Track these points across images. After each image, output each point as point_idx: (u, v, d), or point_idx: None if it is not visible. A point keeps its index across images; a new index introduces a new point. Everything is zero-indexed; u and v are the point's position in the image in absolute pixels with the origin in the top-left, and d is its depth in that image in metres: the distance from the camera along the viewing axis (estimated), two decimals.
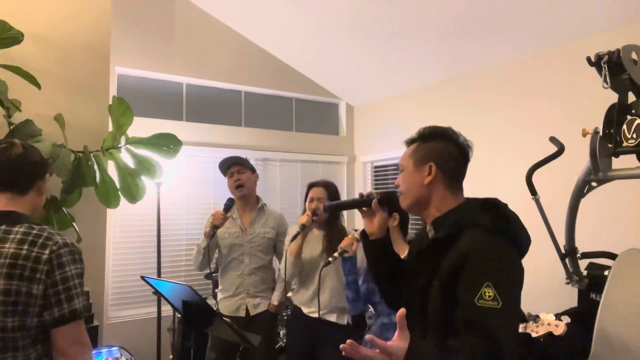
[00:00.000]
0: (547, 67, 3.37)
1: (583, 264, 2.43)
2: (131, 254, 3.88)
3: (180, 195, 4.12)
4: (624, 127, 1.78)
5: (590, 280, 2.38)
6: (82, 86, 2.71)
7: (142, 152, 2.55)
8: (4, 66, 2.22)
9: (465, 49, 3.66)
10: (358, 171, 5.29)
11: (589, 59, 1.81)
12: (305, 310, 2.56)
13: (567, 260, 2.33)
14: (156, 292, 2.89)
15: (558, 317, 2.15)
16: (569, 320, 2.10)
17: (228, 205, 2.74)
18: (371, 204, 1.44)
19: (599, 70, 1.77)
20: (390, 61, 4.18)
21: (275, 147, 4.74)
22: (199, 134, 4.26)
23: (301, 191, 4.04)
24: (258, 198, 2.98)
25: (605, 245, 2.40)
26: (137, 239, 3.90)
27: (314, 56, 4.56)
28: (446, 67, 4.03)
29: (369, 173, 5.20)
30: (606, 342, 1.95)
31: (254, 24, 4.31)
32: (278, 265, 2.84)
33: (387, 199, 1.44)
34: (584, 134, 1.88)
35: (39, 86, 2.28)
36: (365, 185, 5.21)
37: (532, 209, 2.26)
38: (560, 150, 2.18)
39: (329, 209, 1.63)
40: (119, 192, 2.49)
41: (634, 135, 1.74)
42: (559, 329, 2.07)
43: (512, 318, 1.15)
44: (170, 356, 3.61)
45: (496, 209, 1.27)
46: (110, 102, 2.49)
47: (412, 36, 3.70)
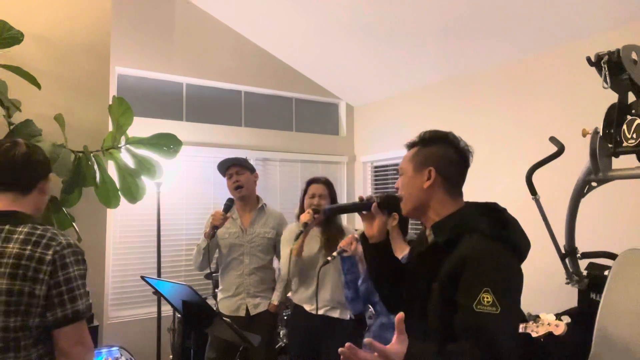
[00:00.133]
0: (547, 67, 3.37)
1: (583, 264, 2.43)
2: (131, 254, 3.88)
3: (180, 195, 4.12)
4: (624, 127, 1.78)
5: (590, 280, 2.38)
6: (82, 86, 2.71)
7: (142, 152, 2.55)
8: (4, 66, 2.22)
9: (465, 49, 3.66)
10: (358, 171, 5.28)
11: (589, 59, 1.81)
12: (308, 308, 2.56)
13: (567, 260, 2.33)
14: (156, 292, 2.90)
15: (558, 317, 2.14)
16: (569, 320, 2.10)
17: (228, 206, 2.74)
18: (371, 207, 1.43)
19: (599, 70, 1.78)
20: (390, 61, 4.18)
21: (275, 147, 4.74)
22: (199, 134, 4.26)
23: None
24: (258, 198, 2.98)
25: (605, 245, 2.40)
26: (137, 239, 3.90)
27: (314, 56, 4.56)
28: (446, 67, 4.03)
29: (369, 173, 5.20)
30: (606, 342, 1.96)
31: (254, 24, 4.31)
32: (278, 265, 2.84)
33: (387, 202, 1.44)
34: (584, 134, 1.88)
35: (39, 86, 2.28)
36: (365, 185, 5.21)
37: (532, 209, 2.26)
38: (560, 150, 2.18)
39: (329, 212, 1.61)
40: (119, 192, 2.49)
41: (634, 135, 1.74)
42: (559, 329, 2.07)
43: (510, 323, 1.15)
44: (170, 356, 3.61)
45: (495, 213, 1.27)
46: (110, 102, 2.49)
47: (412, 36, 3.70)
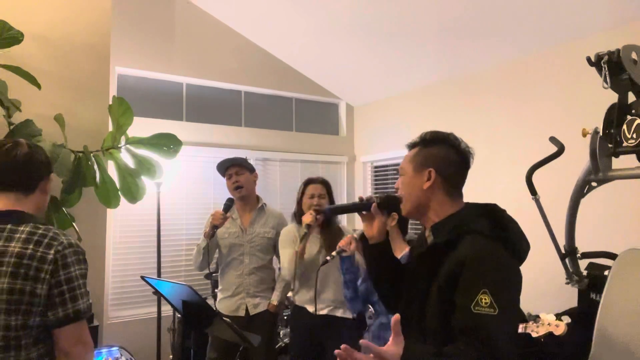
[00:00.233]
0: (547, 67, 3.37)
1: (583, 264, 2.43)
2: (131, 254, 3.88)
3: (180, 195, 4.11)
4: (624, 127, 1.78)
5: (590, 280, 2.38)
6: (82, 86, 2.71)
7: (142, 152, 2.55)
8: (4, 66, 2.22)
9: (465, 49, 3.66)
10: (358, 171, 5.28)
11: (589, 59, 1.81)
12: (311, 309, 2.55)
13: (567, 260, 2.33)
14: (156, 292, 2.89)
15: (558, 317, 2.14)
16: (569, 320, 2.10)
17: (227, 205, 2.74)
18: (370, 207, 1.43)
19: (599, 70, 1.78)
20: (390, 61, 4.18)
21: (275, 147, 4.74)
22: (199, 134, 4.26)
23: None
24: (258, 198, 2.98)
25: (605, 245, 2.40)
26: (137, 239, 3.90)
27: (314, 56, 4.56)
28: (446, 67, 4.03)
29: (369, 173, 5.20)
30: (606, 342, 1.95)
31: (254, 24, 4.31)
32: (278, 264, 2.84)
33: (387, 202, 1.44)
34: (584, 134, 1.88)
35: (39, 86, 2.28)
36: (365, 185, 5.21)
37: (532, 209, 2.26)
38: (560, 150, 2.18)
39: (329, 212, 1.61)
40: (119, 192, 2.49)
41: (634, 135, 1.74)
42: (559, 329, 2.07)
43: (508, 325, 1.15)
44: (170, 356, 3.61)
45: (495, 214, 1.27)
46: (110, 102, 2.49)
47: (412, 36, 3.70)
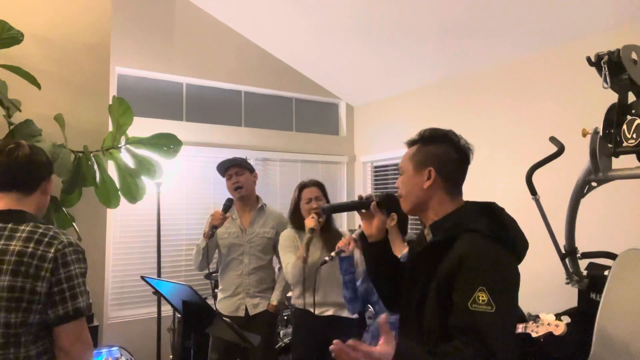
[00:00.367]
0: (547, 67, 3.37)
1: (583, 264, 2.43)
2: (131, 254, 3.88)
3: (180, 195, 4.12)
4: (624, 127, 1.78)
5: (590, 280, 2.38)
6: (82, 86, 2.71)
7: (142, 152, 2.55)
8: (4, 66, 2.22)
9: (465, 49, 3.66)
10: (358, 171, 5.28)
11: (589, 59, 1.81)
12: (316, 311, 2.51)
13: (567, 260, 2.33)
14: (156, 292, 2.90)
15: (558, 317, 2.14)
16: (569, 320, 2.10)
17: (227, 206, 2.74)
18: (370, 206, 1.43)
19: (599, 70, 1.77)
20: (390, 61, 4.18)
21: (275, 147, 4.74)
22: (199, 134, 4.26)
23: None
24: (258, 198, 2.97)
25: (605, 245, 2.40)
26: (137, 239, 3.90)
27: (314, 56, 4.56)
28: (446, 67, 4.03)
29: (369, 173, 5.20)
30: (606, 342, 1.95)
31: (254, 24, 4.31)
32: (278, 265, 2.84)
33: (386, 201, 1.43)
34: (584, 134, 1.88)
35: (39, 86, 2.28)
36: (365, 185, 5.21)
37: (532, 209, 2.26)
38: (560, 150, 2.18)
39: (326, 210, 1.60)
40: (119, 192, 2.49)
41: (634, 135, 1.74)
42: (559, 329, 2.07)
43: (506, 323, 1.14)
44: (170, 356, 3.61)
45: (493, 213, 1.27)
46: (110, 102, 2.49)
47: (412, 36, 3.70)
